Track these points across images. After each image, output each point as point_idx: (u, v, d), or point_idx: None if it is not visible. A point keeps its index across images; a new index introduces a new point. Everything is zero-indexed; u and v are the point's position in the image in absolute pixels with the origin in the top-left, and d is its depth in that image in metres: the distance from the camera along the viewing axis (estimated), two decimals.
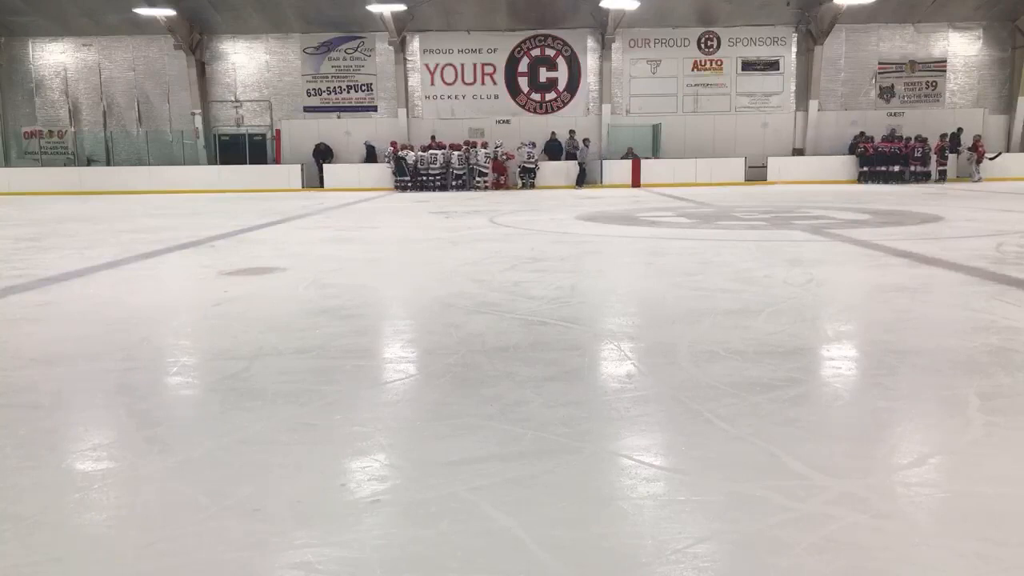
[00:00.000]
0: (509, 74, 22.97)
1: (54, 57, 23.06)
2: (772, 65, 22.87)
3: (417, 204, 14.75)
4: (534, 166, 21.25)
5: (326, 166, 22.02)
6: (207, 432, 2.37)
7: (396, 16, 21.07)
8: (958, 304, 4.30)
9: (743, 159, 21.89)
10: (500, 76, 22.98)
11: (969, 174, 20.90)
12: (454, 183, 20.69)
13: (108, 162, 22.80)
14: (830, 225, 8.88)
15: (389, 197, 17.78)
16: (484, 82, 22.98)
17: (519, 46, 22.86)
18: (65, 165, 22.64)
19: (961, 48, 22.69)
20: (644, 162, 21.69)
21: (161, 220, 11.37)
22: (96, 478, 2.04)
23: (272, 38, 22.80)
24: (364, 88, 23.01)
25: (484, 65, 22.92)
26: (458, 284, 5.10)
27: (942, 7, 21.78)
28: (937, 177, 20.74)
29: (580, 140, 21.92)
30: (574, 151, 22.11)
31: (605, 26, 21.83)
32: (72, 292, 5.16)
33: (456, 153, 20.72)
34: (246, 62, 23.02)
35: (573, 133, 22.48)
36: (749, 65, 22.89)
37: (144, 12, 20.64)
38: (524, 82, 23.04)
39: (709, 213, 11.24)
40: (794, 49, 22.78)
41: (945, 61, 22.76)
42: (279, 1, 21.21)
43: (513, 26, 22.48)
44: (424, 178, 20.50)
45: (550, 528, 1.70)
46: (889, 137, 21.57)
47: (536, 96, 23.09)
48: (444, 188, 20.45)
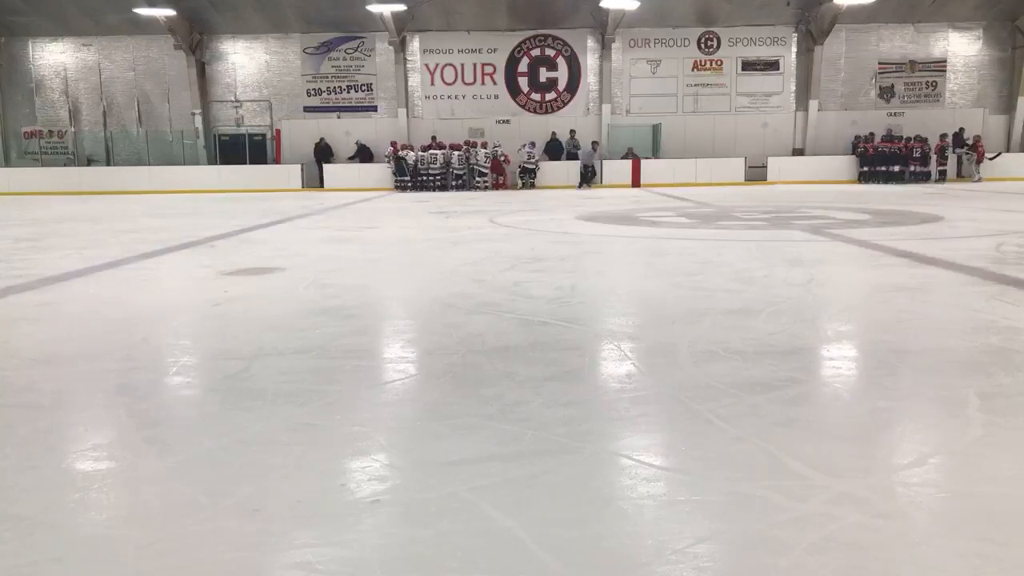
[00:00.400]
0: (509, 74, 22.97)
1: (54, 57, 23.05)
2: (772, 65, 22.87)
3: (417, 204, 14.74)
4: (534, 166, 21.26)
5: (326, 166, 22.01)
6: (207, 432, 2.37)
7: (396, 16, 21.07)
8: (958, 304, 4.30)
9: (743, 159, 21.89)
10: (500, 76, 22.97)
11: (970, 174, 20.91)
12: (454, 183, 20.70)
13: (108, 162, 22.79)
14: (830, 225, 8.88)
15: (389, 197, 17.78)
16: (484, 82, 22.98)
17: (519, 46, 22.85)
18: (65, 165, 22.62)
19: (961, 48, 22.68)
20: (644, 162, 21.69)
21: (161, 220, 11.37)
22: (96, 478, 2.04)
23: (272, 38, 22.79)
24: (364, 88, 23.00)
25: (484, 65, 22.91)
26: (458, 284, 5.10)
27: (942, 7, 21.76)
28: (937, 177, 20.75)
29: (589, 143, 21.81)
30: (575, 151, 22.11)
31: (605, 26, 21.82)
32: (72, 292, 5.16)
33: (456, 153, 20.72)
34: (246, 62, 23.02)
35: (574, 133, 22.48)
36: (749, 65, 22.88)
37: (144, 12, 20.64)
38: (524, 82, 23.03)
39: (709, 213, 11.24)
40: (794, 49, 22.77)
41: (945, 61, 22.75)
42: (279, 1, 21.21)
43: (513, 26, 22.47)
44: (424, 178, 20.50)
45: (550, 528, 1.70)
46: (888, 137, 21.58)
47: (536, 96, 23.09)
48: (444, 188, 20.45)
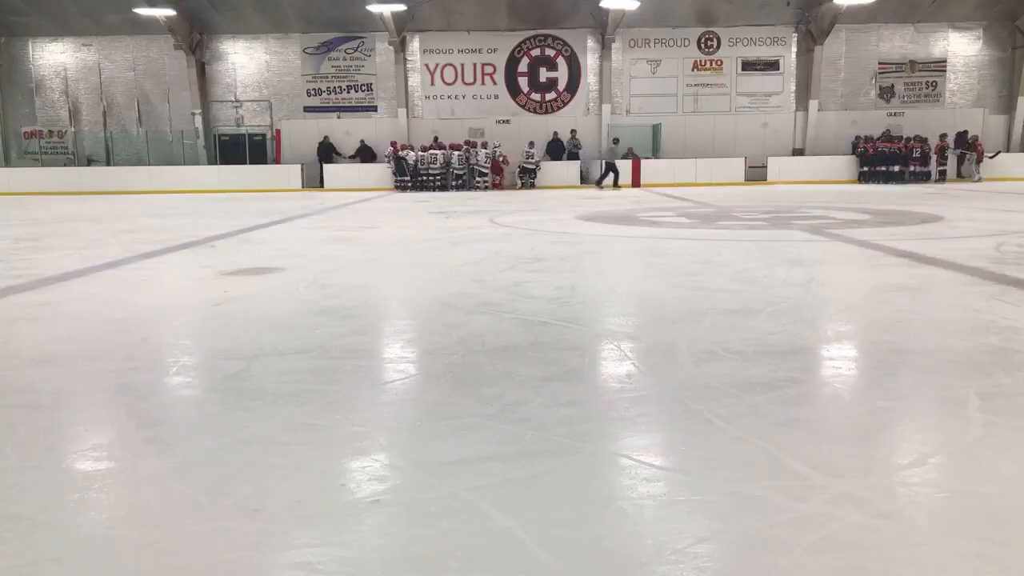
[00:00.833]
0: (509, 74, 22.97)
1: (54, 57, 23.06)
2: (772, 65, 22.87)
3: (417, 204, 14.74)
4: (534, 166, 21.25)
5: (326, 166, 22.02)
6: (207, 432, 2.37)
7: (396, 16, 21.07)
8: (958, 304, 4.30)
9: (743, 159, 21.90)
10: (500, 76, 22.98)
11: (970, 174, 20.91)
12: (454, 183, 20.70)
13: (108, 162, 22.80)
14: (830, 225, 8.88)
15: (389, 197, 17.77)
16: (484, 82, 22.98)
17: (519, 46, 22.86)
18: (65, 165, 22.63)
19: (961, 48, 22.68)
20: (644, 162, 21.69)
21: (161, 220, 11.37)
22: (96, 478, 2.04)
23: (272, 38, 22.80)
24: (364, 88, 23.01)
25: (484, 65, 22.92)
26: (458, 284, 5.10)
27: (942, 7, 21.77)
28: (937, 177, 20.75)
29: (610, 140, 21.49)
30: (576, 151, 22.09)
31: (605, 26, 21.82)
32: (72, 292, 5.16)
33: (456, 153, 20.73)
34: (246, 62, 23.02)
35: (575, 133, 22.49)
36: (749, 65, 22.89)
37: (144, 12, 20.65)
38: (524, 82, 23.04)
39: (709, 213, 11.24)
40: (794, 49, 22.78)
41: (945, 61, 22.75)
42: (279, 1, 21.21)
43: (513, 26, 22.47)
44: (424, 178, 20.51)
45: (550, 528, 1.70)
46: (886, 137, 21.58)
47: (536, 96, 23.09)
48: (444, 188, 20.45)
